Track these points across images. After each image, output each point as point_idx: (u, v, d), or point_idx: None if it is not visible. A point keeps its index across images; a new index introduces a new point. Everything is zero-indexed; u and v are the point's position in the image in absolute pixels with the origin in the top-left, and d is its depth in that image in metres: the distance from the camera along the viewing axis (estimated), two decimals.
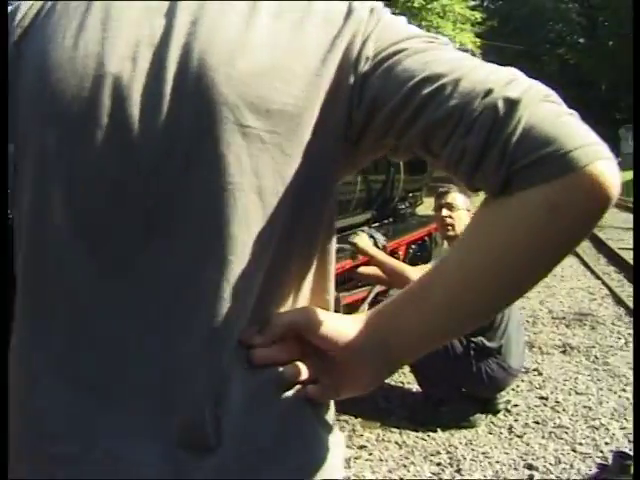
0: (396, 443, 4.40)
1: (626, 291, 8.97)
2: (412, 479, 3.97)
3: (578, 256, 11.56)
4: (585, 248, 12.79)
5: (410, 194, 6.70)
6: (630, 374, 5.71)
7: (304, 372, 1.01)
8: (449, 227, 4.85)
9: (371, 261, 4.80)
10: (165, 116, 0.95)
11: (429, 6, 31.74)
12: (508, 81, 0.91)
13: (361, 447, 4.33)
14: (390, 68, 0.95)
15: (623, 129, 43.31)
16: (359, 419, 4.72)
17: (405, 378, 5.33)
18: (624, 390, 5.37)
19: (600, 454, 4.28)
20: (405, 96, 0.93)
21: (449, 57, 0.96)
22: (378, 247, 5.33)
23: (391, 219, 6.39)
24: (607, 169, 0.86)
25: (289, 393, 1.00)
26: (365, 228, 5.52)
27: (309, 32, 0.98)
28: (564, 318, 7.53)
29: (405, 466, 4.12)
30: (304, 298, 1.05)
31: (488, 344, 4.62)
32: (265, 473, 0.97)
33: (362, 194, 5.67)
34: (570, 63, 54.45)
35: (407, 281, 4.58)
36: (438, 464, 4.15)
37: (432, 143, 0.94)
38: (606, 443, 4.43)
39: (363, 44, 0.98)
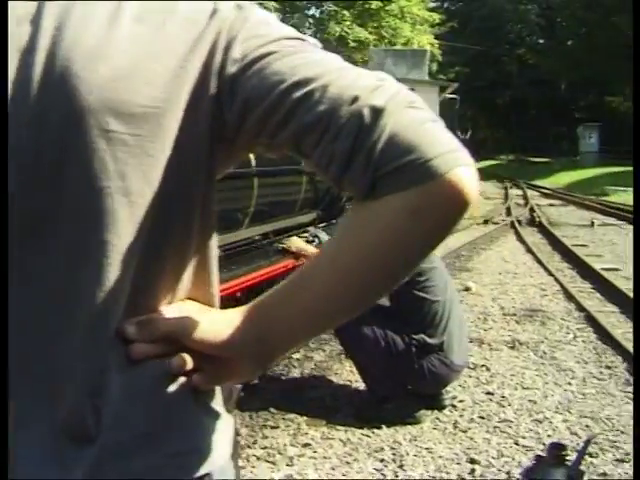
0: (340, 440, 4.41)
1: (578, 287, 9.10)
2: (354, 477, 3.98)
3: (532, 253, 11.70)
4: (540, 245, 12.97)
5: None
6: (576, 368, 5.80)
7: (188, 362, 1.02)
8: None
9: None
10: (33, 126, 0.94)
11: (387, 8, 31.89)
12: (374, 87, 0.93)
13: (305, 445, 4.32)
14: (260, 71, 0.96)
15: (581, 127, 43.85)
16: (305, 417, 4.72)
17: (353, 376, 5.33)
18: (569, 384, 5.44)
19: (542, 447, 4.31)
20: (275, 100, 0.95)
21: (318, 60, 0.98)
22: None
23: (339, 219, 6.40)
24: (465, 176, 0.90)
25: (170, 382, 1.01)
26: (310, 228, 5.55)
27: (171, 33, 0.98)
28: (515, 314, 7.60)
29: (348, 463, 4.12)
30: (184, 291, 1.06)
31: (429, 341, 4.65)
32: (140, 459, 0.98)
33: (308, 194, 5.70)
34: (529, 63, 55.05)
35: None
36: (381, 460, 4.16)
37: (303, 146, 0.96)
38: (549, 436, 4.47)
39: (229, 44, 0.98)
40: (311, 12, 34.25)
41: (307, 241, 5.28)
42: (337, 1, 32.25)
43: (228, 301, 4.42)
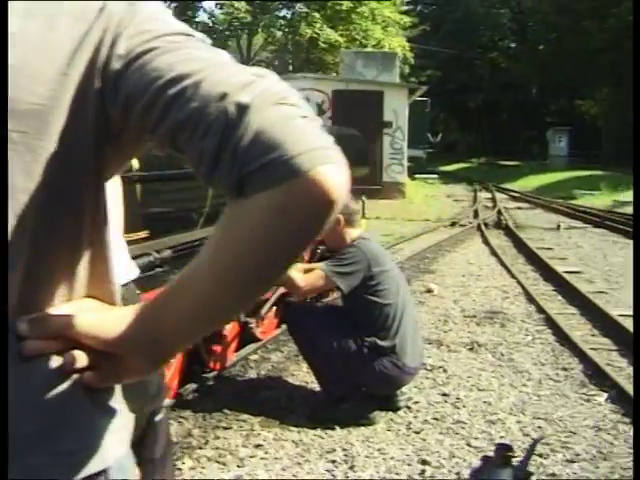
0: (293, 442, 4.40)
1: (540, 289, 9.17)
2: (305, 478, 3.97)
3: (497, 256, 11.76)
4: (505, 248, 13.05)
5: None
6: (533, 370, 5.84)
7: (81, 359, 1.01)
8: (324, 236, 4.99)
9: None
10: None
11: (358, 10, 31.93)
12: (245, 84, 0.93)
13: (257, 446, 4.31)
14: (141, 67, 0.97)
15: (551, 131, 44.21)
16: (258, 418, 4.71)
17: (309, 378, 5.32)
18: (525, 385, 5.48)
19: (494, 448, 4.33)
20: (152, 97, 0.95)
21: (198, 56, 0.97)
22: None
23: None
24: (330, 173, 0.89)
25: (62, 380, 1.00)
26: None
27: (60, 30, 0.98)
28: (475, 316, 7.64)
29: (299, 464, 4.11)
30: (82, 287, 1.06)
31: (381, 343, 4.66)
32: (31, 458, 0.97)
33: None
34: (501, 67, 55.41)
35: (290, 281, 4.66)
36: (333, 461, 4.15)
37: (178, 143, 0.96)
38: (501, 437, 4.50)
39: (114, 41, 0.98)
40: (282, 13, 34.32)
41: None
42: (308, 2, 32.27)
43: None
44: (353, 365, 4.67)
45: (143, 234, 3.90)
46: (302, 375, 5.50)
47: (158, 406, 2.42)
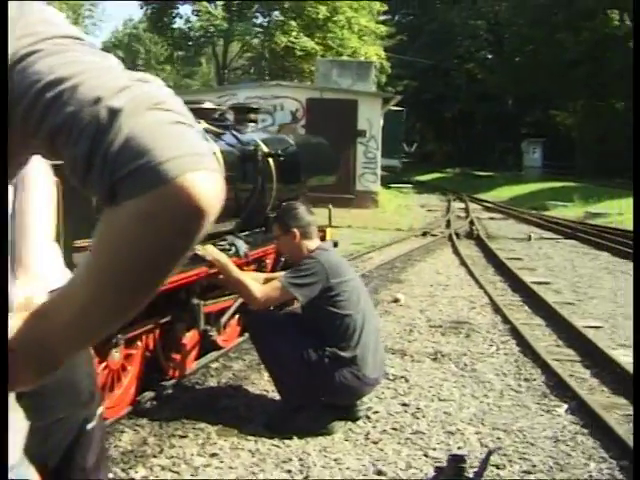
0: (249, 451, 4.36)
1: (508, 300, 9.19)
2: None
3: (466, 266, 11.79)
4: (475, 258, 13.09)
5: (284, 203, 6.67)
6: (495, 380, 5.83)
7: None
8: (282, 251, 5.32)
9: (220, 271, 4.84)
10: None
11: (334, 18, 31.99)
12: (121, 88, 0.91)
13: (213, 455, 4.26)
14: (23, 69, 0.95)
15: (525, 142, 44.50)
16: (216, 427, 4.66)
17: (270, 386, 5.28)
18: (486, 396, 5.47)
19: (462, 454, 4.31)
20: (32, 99, 0.94)
21: (82, 60, 0.96)
22: (239, 255, 5.33)
23: (263, 228, 6.35)
24: (200, 181, 0.86)
25: None
26: (228, 236, 5.50)
27: None
28: (441, 326, 7.63)
29: (254, 473, 4.07)
30: None
31: (341, 354, 4.63)
32: None
33: (228, 202, 5.62)
34: (478, 78, 55.68)
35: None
36: (288, 471, 4.11)
37: (57, 148, 0.95)
38: (459, 448, 4.48)
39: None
40: (259, 21, 34.28)
41: (223, 249, 5.23)
42: (285, 11, 32.23)
43: None
44: (313, 375, 4.64)
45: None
46: (263, 384, 5.46)
47: (91, 413, 2.37)
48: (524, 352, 6.63)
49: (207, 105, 6.11)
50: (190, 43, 33.96)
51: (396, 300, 8.87)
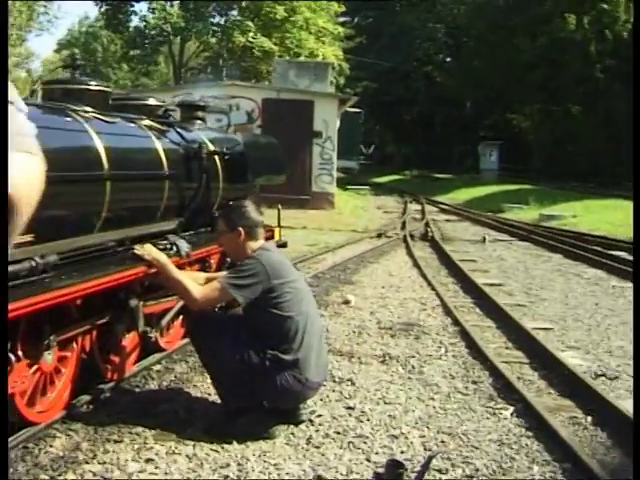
0: (187, 456, 4.23)
1: (459, 302, 9.16)
2: None
3: (419, 267, 11.75)
4: (429, 260, 13.07)
5: (230, 203, 6.54)
6: (442, 383, 5.77)
7: None
8: (226, 249, 5.18)
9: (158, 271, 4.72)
10: None
11: (292, 19, 31.88)
12: None
13: (148, 460, 4.13)
14: None
15: (482, 145, 44.79)
16: (153, 432, 4.52)
17: (213, 389, 5.15)
18: (432, 399, 5.40)
19: (400, 459, 4.23)
20: None
21: None
22: (181, 255, 5.20)
23: (209, 228, 6.22)
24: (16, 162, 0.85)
25: None
26: (170, 236, 5.36)
27: None
28: (391, 328, 7.56)
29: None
30: None
31: (283, 357, 4.53)
32: None
33: (171, 201, 5.51)
34: (436, 81, 55.91)
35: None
36: (226, 477, 4.00)
37: None
38: (402, 452, 4.41)
39: None
40: (216, 20, 34.03)
41: (164, 249, 5.09)
42: (242, 10, 32.07)
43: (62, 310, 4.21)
44: (254, 378, 4.54)
45: (28, 237, 3.69)
46: (205, 387, 5.33)
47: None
48: (473, 354, 6.59)
49: (151, 102, 5.97)
50: (146, 42, 33.63)
51: (347, 302, 8.78)
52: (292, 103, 21.98)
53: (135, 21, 34.00)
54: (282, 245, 8.07)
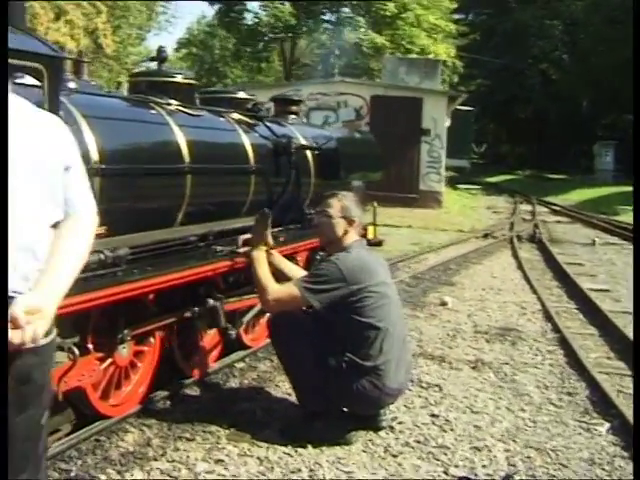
0: (258, 458, 4.12)
1: (562, 307, 8.76)
2: None
3: (523, 270, 11.35)
4: (534, 262, 12.62)
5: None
6: (535, 393, 5.48)
7: None
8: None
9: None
10: None
11: (402, 15, 31.54)
12: None
13: (218, 461, 4.04)
14: None
15: (597, 145, 43.19)
16: (227, 431, 4.43)
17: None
18: (523, 410, 5.12)
19: (473, 477, 4.01)
20: None
21: None
22: None
23: (298, 224, 6.09)
24: None
25: None
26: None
27: None
28: (487, 333, 7.27)
29: None
30: None
31: (361, 362, 4.35)
32: None
33: (258, 196, 5.41)
34: (552, 79, 54.38)
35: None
36: None
37: None
38: (483, 466, 4.18)
39: None
40: (327, 17, 34.03)
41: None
42: (353, 7, 32.02)
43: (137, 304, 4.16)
44: (331, 382, 4.39)
45: (100, 230, 3.65)
46: (287, 387, 5.18)
47: None
48: (570, 364, 6.24)
49: (240, 95, 5.89)
50: (258, 39, 33.95)
51: (444, 303, 8.53)
52: (400, 100, 21.68)
53: (248, 19, 34.42)
54: (377, 243, 7.91)
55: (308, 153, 6.23)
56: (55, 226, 2.17)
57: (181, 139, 4.59)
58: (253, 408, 4.85)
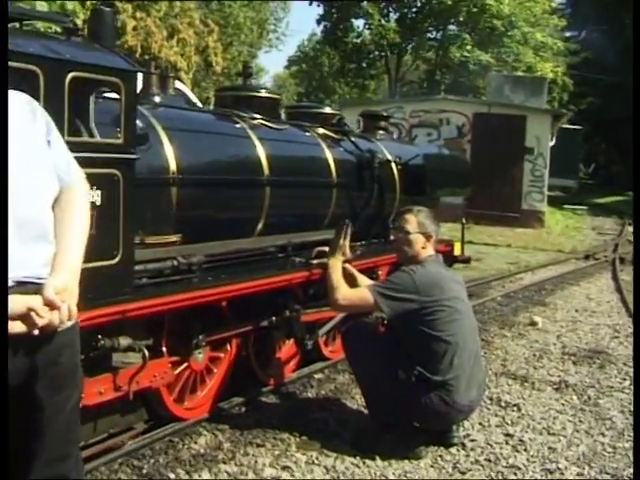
0: (325, 467, 4.16)
1: None
2: None
3: (621, 292, 11.02)
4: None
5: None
6: (618, 418, 5.33)
7: None
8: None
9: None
10: None
11: (509, 33, 31.16)
12: None
13: (285, 468, 4.11)
14: None
15: None
16: (298, 439, 4.50)
17: None
18: (602, 434, 4.99)
19: None
20: None
21: None
22: None
23: (382, 239, 6.14)
24: None
25: None
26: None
27: None
28: (575, 355, 7.10)
29: None
30: None
31: (430, 376, 4.34)
32: None
33: (340, 209, 5.48)
34: None
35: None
36: None
37: None
38: None
39: None
40: (432, 34, 33.89)
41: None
42: (460, 24, 31.82)
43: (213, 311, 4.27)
44: (401, 395, 4.40)
45: (174, 238, 3.79)
46: (363, 400, 5.22)
47: None
48: None
49: (326, 110, 5.99)
50: (362, 56, 34.14)
51: (533, 323, 8.38)
52: (503, 118, 21.38)
53: (353, 37, 34.59)
54: (465, 260, 7.86)
55: (393, 168, 6.26)
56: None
57: (261, 152, 4.71)
58: (326, 418, 4.90)
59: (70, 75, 3.17)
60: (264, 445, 4.38)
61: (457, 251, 7.13)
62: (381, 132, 6.84)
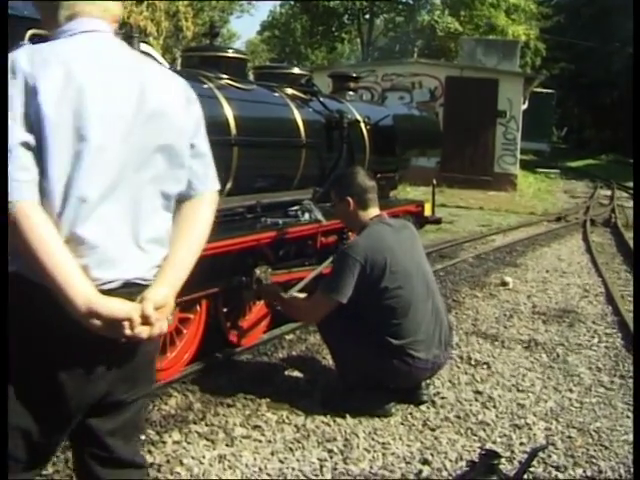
0: (295, 426, 4.18)
1: (627, 291, 8.56)
2: (291, 465, 3.74)
3: (591, 253, 11.13)
4: (605, 246, 12.39)
5: (379, 175, 6.35)
6: (586, 374, 5.39)
7: None
8: (338, 217, 5.02)
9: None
10: None
11: None
12: None
13: (255, 427, 4.12)
14: None
15: None
16: (269, 399, 4.51)
17: None
18: (570, 390, 5.05)
19: (508, 454, 3.99)
20: None
21: None
22: (319, 220, 5.17)
23: None
24: None
25: None
26: (305, 202, 5.30)
27: None
28: (545, 314, 7.17)
29: (292, 450, 3.89)
30: None
31: (390, 340, 4.38)
32: None
33: (308, 171, 5.45)
34: None
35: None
36: (329, 451, 3.91)
37: None
38: (521, 444, 4.14)
39: None
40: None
41: (295, 215, 5.08)
42: None
43: None
44: (367, 356, 4.43)
45: None
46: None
47: None
48: (627, 347, 6.11)
49: (294, 71, 5.93)
50: (333, 19, 33.92)
51: (504, 284, 8.44)
52: (476, 81, 21.36)
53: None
54: (435, 221, 7.88)
55: (363, 128, 6.23)
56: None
57: (229, 112, 4.66)
58: (296, 378, 4.93)
59: (29, 32, 3.19)
60: (234, 405, 4.39)
61: (427, 212, 7.13)
62: (351, 93, 6.79)
